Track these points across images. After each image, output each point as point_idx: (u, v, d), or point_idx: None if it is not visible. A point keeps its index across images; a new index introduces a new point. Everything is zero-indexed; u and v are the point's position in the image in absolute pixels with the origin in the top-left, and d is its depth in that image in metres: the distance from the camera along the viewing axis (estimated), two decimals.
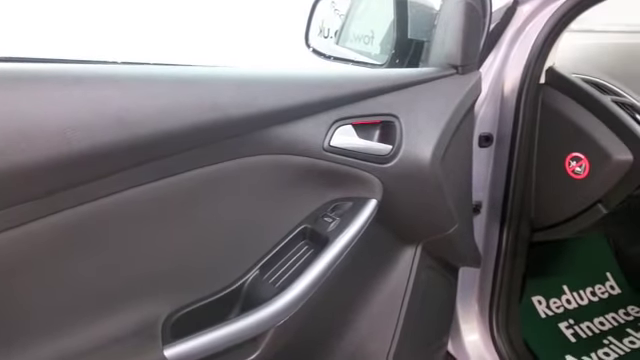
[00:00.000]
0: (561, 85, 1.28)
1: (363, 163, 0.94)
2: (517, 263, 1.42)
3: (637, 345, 1.71)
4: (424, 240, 1.12)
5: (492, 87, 1.27)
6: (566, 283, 1.92)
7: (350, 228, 0.93)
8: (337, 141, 0.91)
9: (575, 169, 1.27)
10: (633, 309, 1.89)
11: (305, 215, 0.96)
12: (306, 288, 0.87)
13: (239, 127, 0.81)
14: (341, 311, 1.09)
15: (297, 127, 0.87)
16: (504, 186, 1.35)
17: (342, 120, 0.92)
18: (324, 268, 0.89)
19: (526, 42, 1.24)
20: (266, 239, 0.94)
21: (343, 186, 0.97)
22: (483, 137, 1.30)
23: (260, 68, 0.90)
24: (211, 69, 0.84)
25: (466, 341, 1.50)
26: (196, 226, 0.85)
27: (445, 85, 1.04)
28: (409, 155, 0.97)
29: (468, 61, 1.06)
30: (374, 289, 1.11)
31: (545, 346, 1.64)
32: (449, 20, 1.04)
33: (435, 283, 1.22)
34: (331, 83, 0.92)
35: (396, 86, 0.98)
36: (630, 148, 1.18)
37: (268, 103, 0.83)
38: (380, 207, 0.97)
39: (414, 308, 1.15)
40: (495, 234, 1.40)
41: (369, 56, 1.35)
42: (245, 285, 0.91)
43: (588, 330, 1.77)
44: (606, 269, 2.01)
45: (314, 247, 0.94)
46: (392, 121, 0.96)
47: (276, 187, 0.91)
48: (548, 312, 1.83)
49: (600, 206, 1.28)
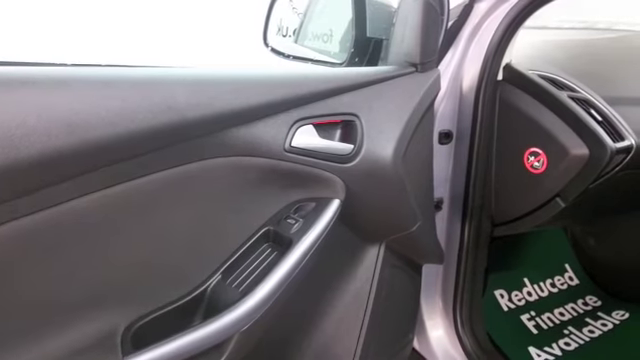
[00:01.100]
0: (518, 81, 1.30)
1: (325, 163, 0.93)
2: (479, 258, 1.43)
3: (596, 334, 1.75)
4: (387, 239, 1.12)
5: (451, 84, 1.28)
6: (527, 276, 1.96)
7: (314, 229, 0.92)
8: (298, 141, 0.89)
9: (533, 164, 1.29)
10: (591, 299, 1.94)
11: (268, 217, 0.95)
12: (270, 291, 0.86)
13: (196, 129, 0.79)
14: (306, 313, 1.08)
15: (257, 128, 0.85)
16: (464, 182, 1.36)
17: (303, 120, 0.90)
18: (288, 270, 0.88)
19: (483, 39, 1.25)
20: (228, 243, 0.92)
21: (305, 187, 0.95)
22: (443, 134, 1.31)
23: (217, 68, 0.88)
24: (166, 70, 0.82)
25: (431, 337, 1.51)
26: (154, 232, 0.83)
27: (405, 83, 1.04)
28: (370, 154, 0.96)
29: (427, 59, 1.07)
30: (339, 289, 1.10)
31: (508, 339, 1.67)
32: (407, 18, 1.04)
33: (399, 281, 1.23)
34: (291, 82, 0.91)
35: (356, 85, 0.98)
36: (586, 143, 1.21)
37: (226, 104, 0.81)
38: (343, 207, 0.97)
39: (379, 307, 1.15)
40: (457, 230, 1.41)
41: (328, 55, 1.34)
42: (207, 291, 0.89)
43: (549, 321, 1.81)
44: (564, 261, 2.06)
45: (278, 249, 0.92)
46: (353, 120, 0.96)
47: (237, 190, 0.89)
48: (510, 305, 1.86)
49: (558, 200, 1.31)
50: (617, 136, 1.22)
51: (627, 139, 1.22)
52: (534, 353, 1.65)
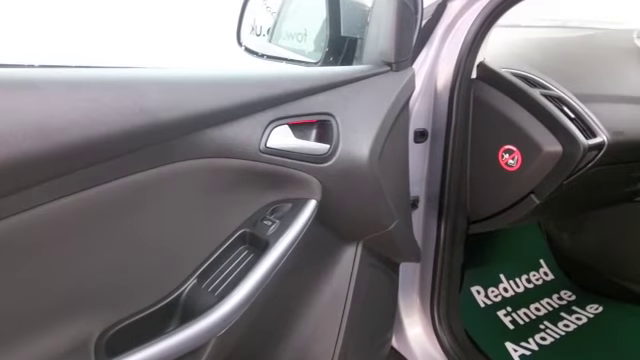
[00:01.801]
0: (492, 79, 1.31)
1: (301, 164, 0.92)
2: (455, 255, 1.44)
3: (571, 328, 1.77)
4: (365, 238, 1.12)
5: (425, 83, 1.28)
6: (503, 272, 1.98)
7: (290, 230, 0.91)
8: (273, 142, 0.88)
9: (508, 161, 1.30)
10: (566, 293, 1.97)
11: (244, 219, 0.94)
12: (247, 294, 0.85)
13: (170, 131, 0.78)
14: (284, 315, 1.07)
15: (231, 129, 0.84)
16: (440, 180, 1.37)
17: (278, 120, 0.89)
18: (265, 273, 0.87)
19: (457, 38, 1.26)
20: (204, 246, 0.90)
21: (281, 188, 0.95)
22: (418, 133, 1.31)
23: (190, 68, 0.86)
24: (137, 71, 0.80)
25: (409, 335, 1.52)
26: (128, 236, 0.81)
27: (380, 82, 1.04)
28: (347, 154, 0.96)
29: (402, 58, 1.07)
30: (316, 290, 1.10)
31: (485, 335, 1.68)
32: (382, 17, 1.04)
33: (377, 280, 1.22)
34: (265, 82, 0.90)
35: (331, 84, 0.97)
36: (559, 140, 1.22)
37: (200, 105, 0.80)
38: (320, 207, 0.96)
39: (357, 307, 1.14)
40: (433, 228, 1.42)
41: (303, 54, 1.33)
42: (183, 295, 0.88)
43: (525, 316, 1.83)
44: (539, 256, 2.08)
45: (254, 252, 0.91)
46: (328, 120, 0.95)
47: (212, 192, 0.88)
48: (487, 301, 1.87)
49: (533, 197, 1.32)
50: (589, 133, 1.23)
51: (599, 136, 1.24)
52: (511, 348, 1.66)
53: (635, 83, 1.53)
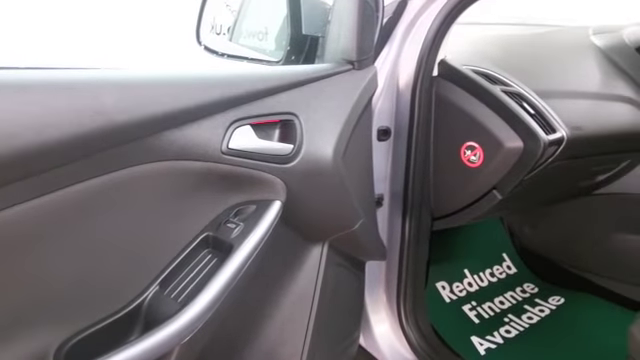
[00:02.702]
0: (453, 77, 1.32)
1: (264, 164, 0.91)
2: (420, 252, 1.45)
3: (534, 320, 1.81)
4: (330, 238, 1.11)
5: (387, 81, 1.28)
6: (467, 267, 2.00)
7: (255, 233, 0.89)
8: (236, 143, 0.87)
9: (470, 158, 1.31)
10: (529, 286, 2.01)
11: (206, 222, 0.92)
12: (211, 300, 0.83)
13: (127, 134, 0.75)
14: (250, 319, 1.06)
15: (192, 130, 0.82)
16: (404, 178, 1.37)
17: (240, 121, 0.88)
18: (230, 277, 0.85)
19: (418, 35, 1.26)
20: (165, 251, 0.88)
21: (245, 189, 0.93)
22: (381, 131, 1.31)
23: (147, 68, 0.84)
24: (92, 72, 0.77)
25: (376, 332, 1.52)
26: (86, 244, 0.79)
27: (342, 81, 1.04)
28: (310, 153, 0.95)
29: (364, 56, 1.06)
30: (283, 292, 1.09)
31: (451, 329, 1.70)
32: (343, 15, 1.04)
33: (343, 279, 1.22)
34: (226, 82, 0.88)
35: (294, 84, 0.96)
36: (520, 136, 1.24)
37: (158, 106, 0.77)
38: (285, 208, 0.95)
39: (324, 307, 1.14)
40: (398, 225, 1.42)
41: (264, 53, 1.32)
42: (145, 303, 0.86)
43: (490, 310, 1.86)
44: (502, 250, 2.12)
45: (218, 255, 0.90)
46: (291, 120, 0.94)
47: (173, 195, 0.86)
48: (452, 296, 1.89)
49: (495, 192, 1.33)
50: (549, 128, 1.25)
51: (559, 131, 1.26)
52: (477, 342, 1.68)
53: (591, 79, 1.57)
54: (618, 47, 1.65)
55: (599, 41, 1.68)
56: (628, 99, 1.52)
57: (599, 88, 1.56)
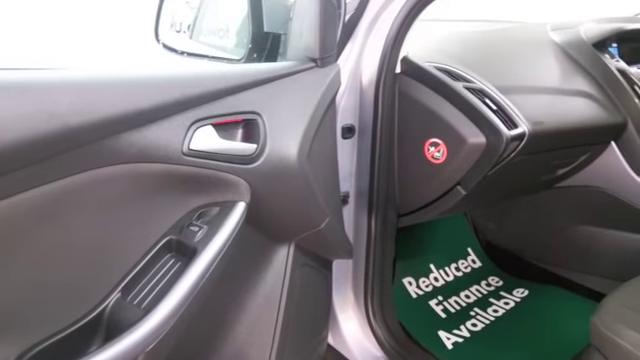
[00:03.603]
0: (416, 74, 1.32)
1: (227, 165, 0.89)
2: (387, 249, 1.45)
3: (500, 313, 1.83)
4: (297, 238, 1.10)
5: (351, 78, 1.28)
6: (432, 262, 2.02)
7: (219, 235, 0.88)
8: (197, 144, 0.85)
9: (434, 154, 1.31)
10: (493, 279, 2.03)
11: (169, 226, 0.89)
12: (176, 305, 0.81)
13: (84, 137, 0.73)
14: (217, 322, 1.04)
15: (151, 132, 0.80)
16: (369, 175, 1.37)
17: (201, 121, 0.86)
18: (194, 281, 0.83)
19: (381, 32, 1.26)
20: (127, 257, 0.86)
21: (208, 191, 0.91)
22: (346, 128, 1.30)
23: (103, 68, 0.81)
24: (45, 72, 0.74)
25: (344, 330, 1.52)
26: (44, 251, 0.76)
27: (305, 79, 1.03)
28: (275, 153, 0.94)
29: (327, 53, 1.05)
30: (250, 294, 1.07)
31: (419, 325, 1.71)
32: (305, 12, 1.02)
33: (311, 279, 1.21)
34: (186, 81, 0.86)
35: (256, 82, 0.95)
36: (482, 131, 1.25)
37: (115, 107, 0.75)
38: (249, 209, 0.94)
39: (292, 307, 1.13)
40: (364, 223, 1.42)
41: (225, 51, 1.29)
42: (106, 311, 0.83)
43: (456, 304, 1.87)
44: (467, 245, 2.14)
45: (182, 259, 0.88)
46: (255, 119, 0.93)
47: (133, 199, 0.83)
48: (419, 292, 1.90)
49: (459, 188, 1.34)
50: (511, 124, 1.27)
51: (520, 126, 1.27)
52: (444, 337, 1.70)
53: (551, 74, 1.59)
54: (575, 43, 1.68)
55: (557, 37, 1.71)
56: (586, 94, 1.55)
57: (558, 83, 1.58)
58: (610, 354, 1.08)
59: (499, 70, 1.44)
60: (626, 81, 1.62)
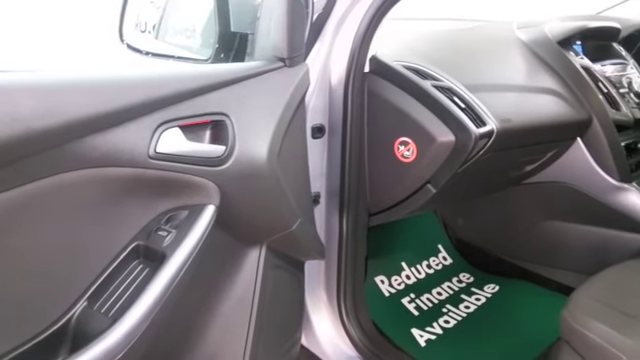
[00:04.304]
0: (384, 73, 1.32)
1: (195, 168, 0.87)
2: (358, 248, 1.45)
3: (471, 309, 1.85)
4: (268, 240, 1.09)
5: (320, 78, 1.27)
6: (404, 260, 2.02)
7: (188, 239, 0.86)
8: (164, 147, 0.83)
9: (404, 153, 1.31)
10: (464, 276, 2.05)
11: (136, 231, 0.88)
12: (145, 312, 0.79)
13: (47, 141, 0.70)
14: (188, 328, 1.02)
15: (116, 135, 0.78)
16: (340, 175, 1.36)
17: (167, 123, 0.84)
18: (164, 287, 0.82)
19: (349, 31, 1.25)
20: (93, 264, 0.83)
21: (176, 195, 0.89)
22: (315, 128, 1.30)
23: (66, 70, 0.79)
24: (6, 75, 0.72)
25: (318, 331, 1.51)
26: (6, 260, 0.73)
27: (274, 78, 1.01)
28: (244, 154, 0.92)
29: (295, 53, 1.05)
30: (221, 297, 1.06)
31: (392, 323, 1.71)
32: (272, 11, 1.01)
33: (283, 281, 1.20)
34: (152, 82, 0.84)
35: (224, 82, 0.93)
36: (451, 130, 1.25)
37: (78, 110, 0.73)
38: (219, 212, 0.92)
39: (264, 310, 1.12)
40: (335, 223, 1.42)
41: (192, 51, 1.27)
42: (72, 320, 0.81)
43: (428, 302, 1.88)
44: (437, 242, 2.16)
45: (150, 265, 0.86)
46: (223, 120, 0.91)
47: (99, 204, 0.81)
48: (391, 290, 1.91)
49: (429, 186, 1.35)
50: (479, 122, 1.27)
51: (488, 124, 1.28)
52: (417, 334, 1.70)
53: (517, 72, 1.61)
54: (541, 41, 1.70)
55: (523, 35, 1.73)
56: (552, 91, 1.58)
57: (525, 81, 1.60)
58: (580, 347, 1.10)
59: (467, 68, 1.45)
60: (590, 78, 1.65)
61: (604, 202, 1.64)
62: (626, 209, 1.62)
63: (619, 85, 1.76)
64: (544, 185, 1.75)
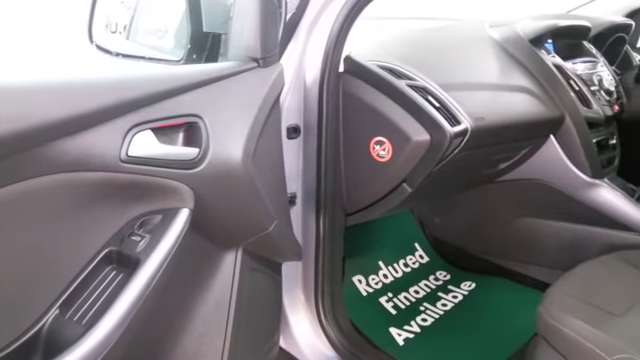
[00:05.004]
0: (359, 72, 1.32)
1: (168, 171, 0.86)
2: (336, 248, 1.44)
3: (449, 307, 1.86)
4: (244, 242, 1.08)
5: (294, 78, 1.26)
6: (381, 259, 2.03)
7: (162, 244, 0.84)
8: (136, 150, 0.81)
9: (379, 153, 1.31)
10: (441, 274, 2.06)
11: (109, 237, 0.86)
12: (119, 319, 0.77)
13: (13, 146, 0.68)
14: (165, 333, 1.00)
15: (86, 138, 0.76)
16: (316, 175, 1.36)
17: (139, 125, 0.82)
18: (138, 293, 0.80)
19: (323, 31, 1.25)
20: (65, 271, 0.81)
21: (149, 199, 0.88)
22: (291, 129, 1.29)
23: (32, 72, 0.77)
24: None
25: (296, 332, 1.50)
26: None
27: (248, 79, 1.00)
28: (218, 156, 0.91)
29: (269, 53, 1.04)
30: (198, 302, 1.04)
31: (370, 323, 1.71)
32: (245, 11, 1.00)
33: (260, 284, 1.19)
34: (123, 84, 0.82)
35: (197, 84, 0.92)
36: (426, 129, 1.25)
37: (46, 114, 0.71)
38: (194, 215, 0.91)
39: (241, 313, 1.11)
40: (312, 223, 1.41)
41: (163, 52, 1.25)
42: (44, 329, 0.78)
43: (405, 300, 1.89)
44: (414, 240, 2.16)
45: (124, 271, 0.84)
46: (196, 122, 0.90)
47: (70, 210, 0.79)
48: (369, 289, 1.91)
49: (405, 185, 1.35)
50: (454, 120, 1.28)
51: (463, 123, 1.29)
52: (395, 333, 1.71)
53: (490, 70, 1.62)
54: (513, 39, 1.71)
55: (496, 34, 1.74)
56: (525, 89, 1.59)
57: (498, 79, 1.62)
58: (556, 343, 1.11)
59: (441, 67, 1.46)
60: (562, 76, 1.67)
61: (577, 198, 1.66)
62: (598, 205, 1.64)
63: (590, 83, 1.79)
64: (518, 182, 1.77)
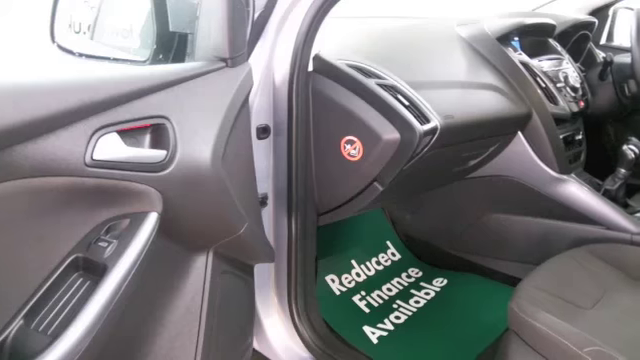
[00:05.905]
0: (328, 71, 1.31)
1: (135, 174, 0.84)
2: (308, 248, 1.44)
3: (421, 304, 1.87)
4: (215, 245, 1.06)
5: (263, 78, 1.25)
6: (354, 258, 2.03)
7: (130, 249, 0.82)
8: (101, 153, 0.79)
9: (350, 152, 1.31)
10: (413, 271, 2.07)
11: (74, 243, 0.83)
12: (87, 328, 0.75)
13: None
14: (135, 340, 0.98)
15: (48, 143, 0.73)
16: (287, 175, 1.35)
17: (104, 128, 0.80)
18: (106, 300, 0.78)
19: (291, 30, 1.24)
20: (28, 280, 0.79)
21: (116, 203, 0.85)
22: (260, 129, 1.28)
23: None
24: None
25: (270, 334, 1.49)
26: None
27: (216, 79, 0.99)
28: (187, 158, 0.89)
29: (236, 53, 1.02)
30: (169, 308, 1.02)
31: (343, 322, 1.71)
32: (212, 10, 0.99)
33: (232, 287, 1.18)
34: (86, 86, 0.80)
35: (163, 84, 0.90)
36: (396, 127, 1.26)
37: (6, 117, 0.68)
38: (162, 219, 0.89)
39: (213, 317, 1.09)
40: (284, 224, 1.40)
41: (129, 52, 1.23)
42: (8, 341, 0.76)
43: (379, 298, 1.89)
44: (386, 238, 2.17)
45: (91, 278, 0.82)
46: (163, 123, 0.88)
47: (32, 216, 0.77)
48: (342, 288, 1.91)
49: (376, 184, 1.35)
50: (423, 119, 1.28)
51: (432, 121, 1.29)
52: (369, 331, 1.71)
53: (459, 69, 1.64)
54: (480, 37, 1.73)
55: (463, 32, 1.76)
56: (493, 86, 1.61)
57: (466, 77, 1.63)
58: (527, 337, 1.12)
59: (410, 66, 1.46)
60: (529, 73, 1.70)
61: (545, 194, 1.69)
62: (566, 200, 1.67)
63: (556, 80, 1.82)
64: (488, 179, 1.79)
